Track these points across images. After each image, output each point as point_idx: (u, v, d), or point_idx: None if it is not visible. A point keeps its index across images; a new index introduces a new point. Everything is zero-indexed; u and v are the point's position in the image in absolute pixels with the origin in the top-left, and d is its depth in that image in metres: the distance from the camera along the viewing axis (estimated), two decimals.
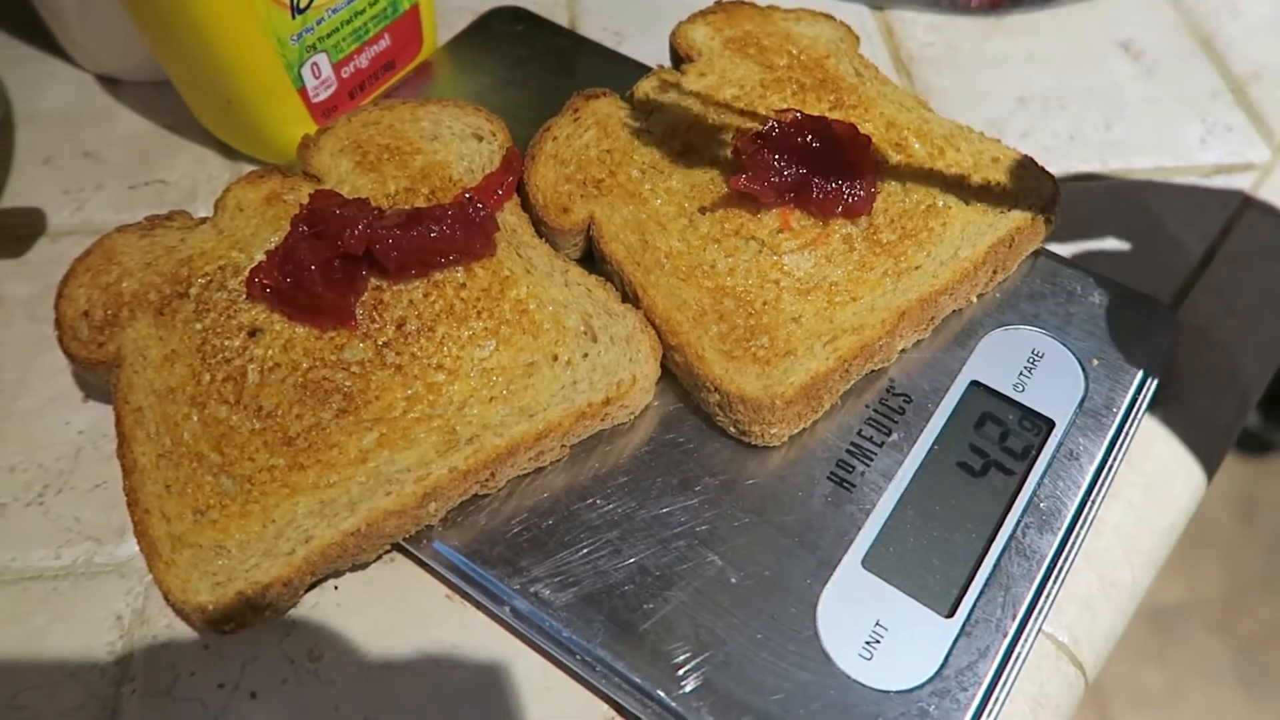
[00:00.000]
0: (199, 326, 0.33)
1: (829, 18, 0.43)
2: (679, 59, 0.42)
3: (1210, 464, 0.35)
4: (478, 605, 0.31)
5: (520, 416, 0.31)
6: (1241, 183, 0.43)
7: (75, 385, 0.36)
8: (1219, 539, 1.32)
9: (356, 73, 0.42)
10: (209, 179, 0.43)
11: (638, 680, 0.28)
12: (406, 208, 0.35)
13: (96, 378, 0.33)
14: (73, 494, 0.33)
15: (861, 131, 0.36)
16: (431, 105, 0.39)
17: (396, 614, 0.31)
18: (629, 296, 0.34)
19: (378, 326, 0.33)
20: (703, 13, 0.43)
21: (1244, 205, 0.42)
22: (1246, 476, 1.38)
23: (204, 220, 0.36)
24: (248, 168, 0.43)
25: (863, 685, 0.28)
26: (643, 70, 0.43)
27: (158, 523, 0.29)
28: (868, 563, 0.30)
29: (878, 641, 0.28)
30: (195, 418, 0.31)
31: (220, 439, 0.31)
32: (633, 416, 0.33)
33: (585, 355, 0.32)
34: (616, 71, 0.44)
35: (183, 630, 0.31)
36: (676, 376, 0.33)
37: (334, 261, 0.32)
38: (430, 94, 0.44)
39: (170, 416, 0.31)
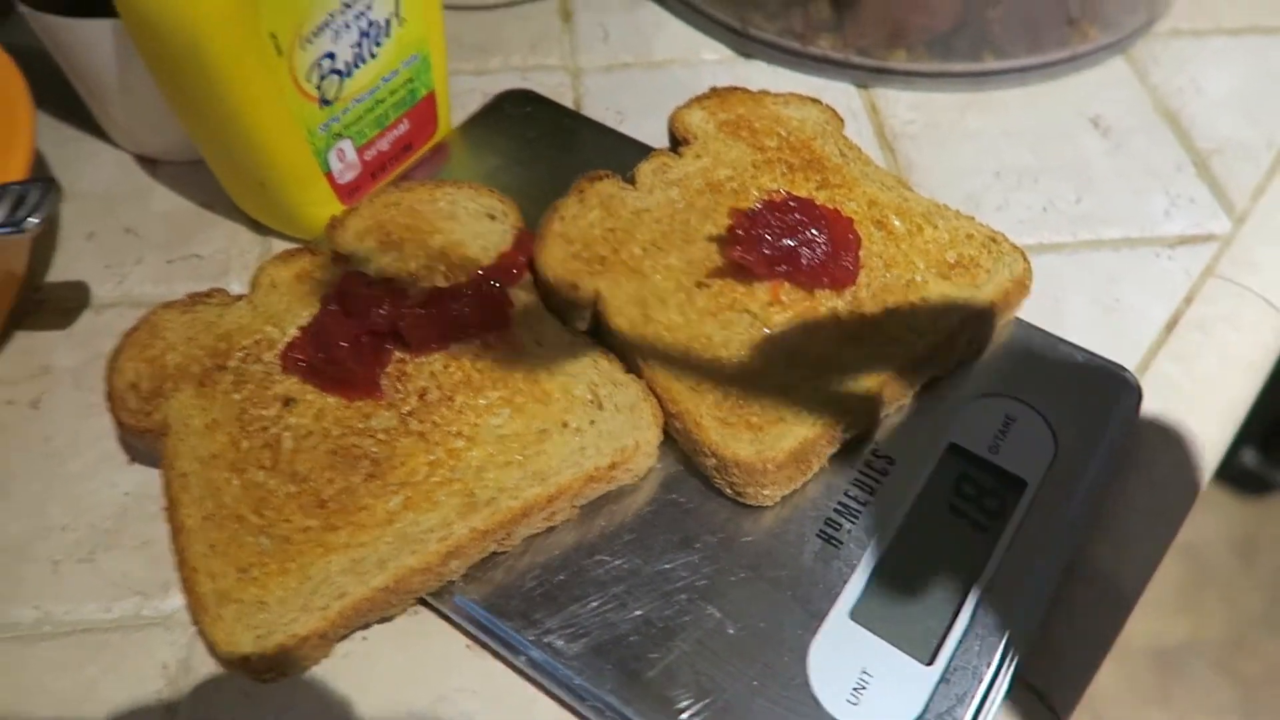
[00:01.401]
0: (238, 397, 0.36)
1: (816, 101, 0.47)
2: (676, 141, 0.45)
3: (1173, 521, 0.38)
4: (496, 655, 0.34)
5: (534, 480, 0.34)
6: (1203, 254, 0.46)
7: (120, 449, 0.39)
8: (1220, 579, 1.34)
9: (378, 155, 0.45)
10: (240, 253, 0.46)
11: None
12: (428, 287, 0.38)
13: (143, 443, 0.36)
14: (121, 551, 0.36)
15: (845, 210, 0.40)
16: (448, 187, 0.43)
17: (420, 663, 0.34)
18: (633, 367, 0.37)
19: (401, 396, 0.36)
20: (699, 98, 0.46)
21: (1204, 274, 0.45)
22: (1247, 516, 1.40)
23: (240, 297, 0.39)
24: (277, 243, 0.46)
25: None
26: (643, 150, 0.46)
27: (204, 580, 0.32)
28: (855, 614, 0.33)
29: (864, 688, 0.31)
30: (236, 482, 0.34)
31: (259, 502, 0.33)
32: (637, 479, 0.35)
33: (592, 422, 0.35)
34: (619, 151, 0.47)
35: (224, 679, 0.33)
36: (677, 441, 0.36)
37: (361, 338, 0.35)
38: (445, 173, 0.47)
39: (213, 481, 0.34)
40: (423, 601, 0.34)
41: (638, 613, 0.33)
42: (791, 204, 0.39)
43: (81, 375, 0.41)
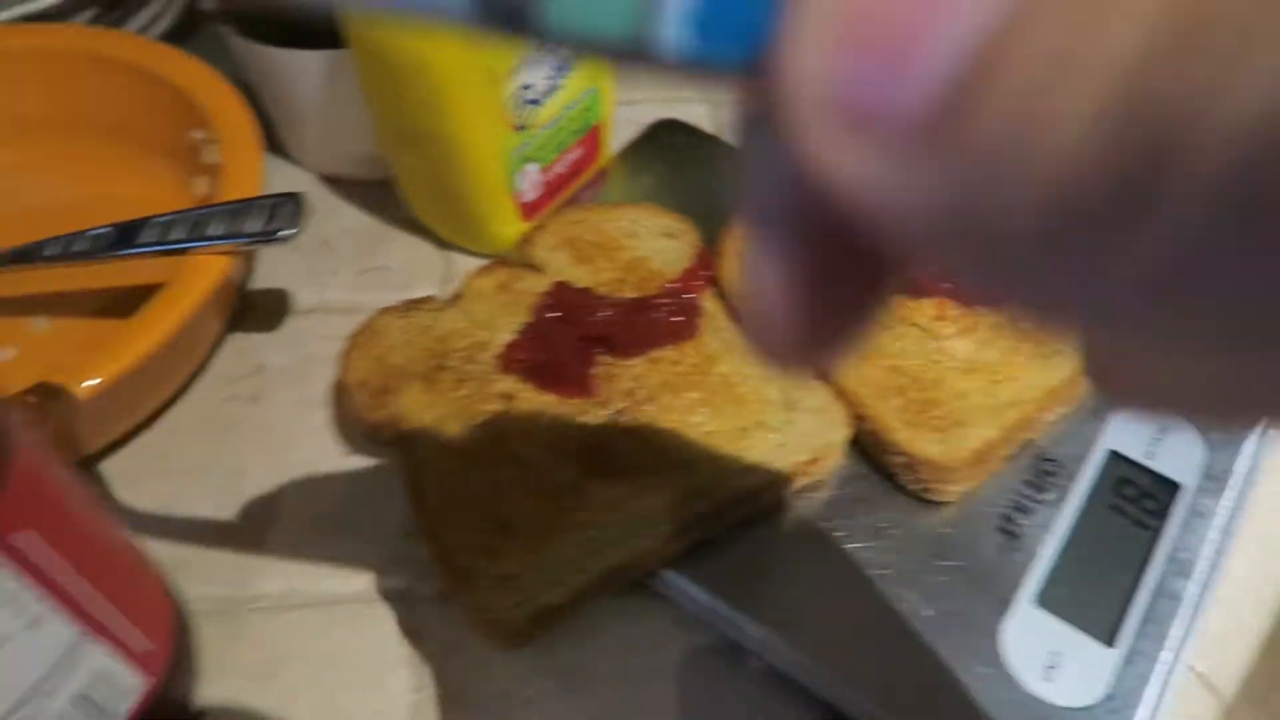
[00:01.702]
0: (461, 394, 0.39)
1: None
2: None
3: None
4: (705, 632, 0.37)
5: (741, 473, 0.37)
6: None
7: (337, 441, 0.43)
8: None
9: (556, 177, 0.49)
10: (424, 265, 0.49)
11: (852, 694, 0.34)
12: (628, 297, 0.41)
13: (377, 433, 0.40)
14: (351, 533, 0.40)
15: None
16: (628, 208, 0.46)
17: (638, 636, 0.37)
18: (817, 374, 0.40)
19: (611, 396, 0.39)
20: None
21: None
22: None
23: (449, 304, 0.43)
24: (456, 256, 0.50)
25: (1051, 704, 0.33)
26: None
27: (453, 555, 0.35)
28: (1040, 600, 0.36)
29: (1055, 666, 0.34)
30: (470, 470, 0.37)
31: (493, 487, 0.37)
32: (828, 475, 0.39)
33: (787, 423, 0.39)
34: None
35: (461, 646, 0.37)
36: (859, 441, 0.39)
37: (578, 342, 0.39)
38: (605, 195, 0.51)
39: (449, 468, 0.37)
40: (641, 581, 0.37)
41: (837, 595, 0.36)
42: None
43: (293, 375, 0.45)
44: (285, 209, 0.39)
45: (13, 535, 0.24)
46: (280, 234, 0.38)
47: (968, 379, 0.40)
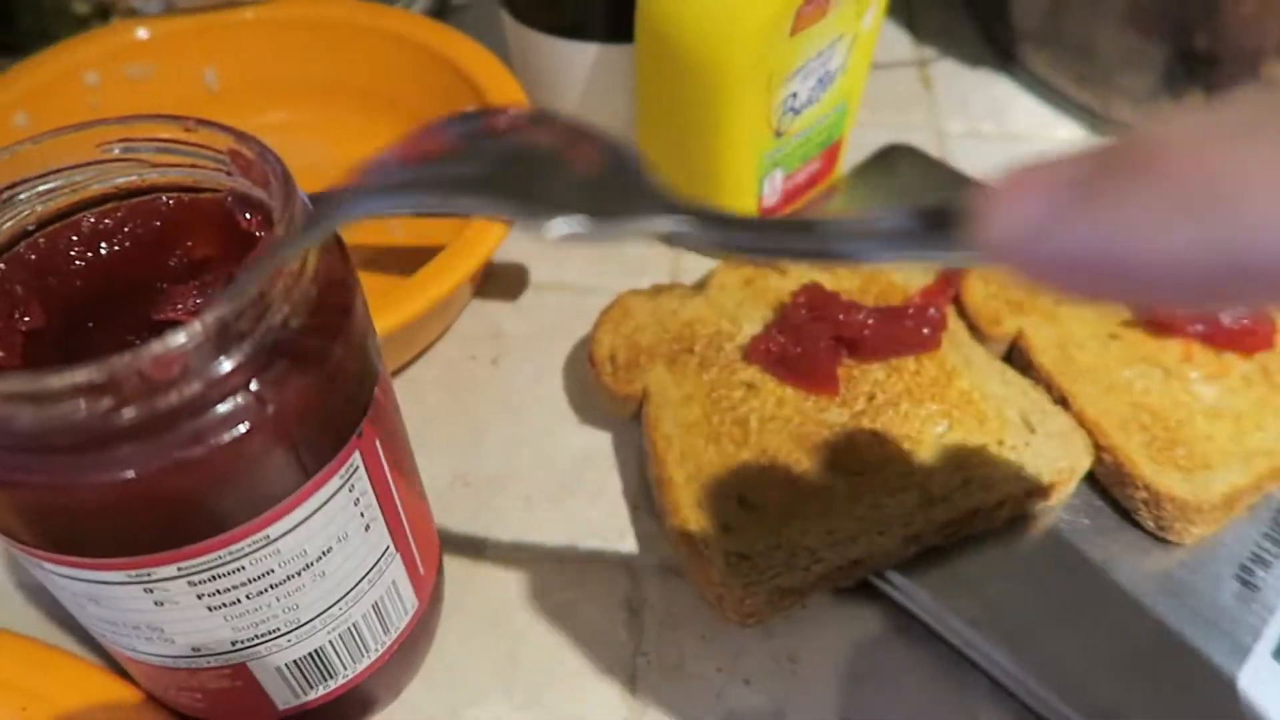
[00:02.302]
0: (705, 378, 0.41)
1: None
2: None
3: None
4: (926, 640, 0.37)
5: (982, 487, 0.37)
6: None
7: (571, 410, 0.44)
8: None
9: (794, 186, 0.50)
10: (657, 256, 0.51)
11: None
12: (875, 305, 0.42)
13: (619, 406, 0.41)
14: (581, 498, 0.41)
15: None
16: None
17: (859, 634, 0.37)
18: (1056, 400, 0.41)
19: (852, 397, 0.40)
20: None
21: None
22: None
23: (695, 292, 0.44)
24: (685, 251, 0.52)
25: None
26: None
27: (695, 530, 0.36)
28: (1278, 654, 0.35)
29: None
30: (712, 449, 0.39)
31: (735, 470, 0.38)
32: (1062, 500, 0.39)
33: (1027, 444, 0.39)
34: None
35: (681, 619, 0.38)
36: (1095, 473, 0.39)
37: (829, 340, 0.40)
38: (829, 211, 0.52)
39: (692, 446, 0.39)
40: (868, 580, 0.37)
41: (1071, 621, 0.36)
42: None
43: (530, 344, 0.47)
44: None
45: (373, 439, 0.26)
46: None
47: (1214, 423, 0.39)
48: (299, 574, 0.25)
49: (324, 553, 0.26)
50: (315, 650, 0.28)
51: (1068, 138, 0.60)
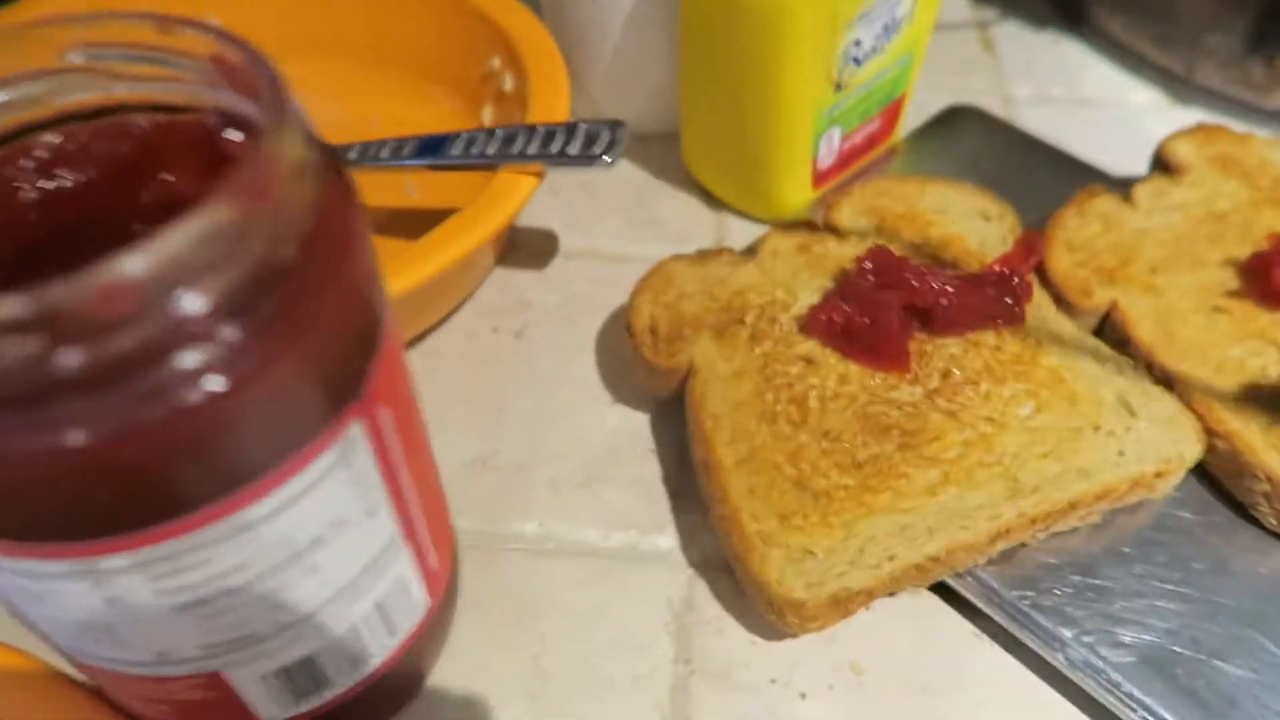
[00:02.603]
0: (758, 351, 0.36)
1: None
2: (1161, 169, 0.44)
3: None
4: (1009, 648, 0.32)
5: (1078, 476, 0.33)
6: None
7: (603, 388, 0.40)
8: None
9: (851, 148, 0.46)
10: (698, 222, 0.47)
11: None
12: (952, 273, 0.37)
13: (661, 381, 0.37)
14: (615, 484, 0.37)
15: None
16: (937, 183, 0.43)
17: (928, 642, 0.33)
18: (1158, 380, 0.36)
19: (925, 374, 0.35)
20: (1186, 131, 0.45)
21: None
22: None
23: (744, 259, 0.40)
24: (729, 217, 0.47)
25: None
26: (1090, 173, 0.45)
27: (748, 520, 0.32)
28: None
29: None
30: (766, 431, 0.34)
31: (793, 454, 0.33)
32: (1166, 491, 0.34)
33: (1127, 429, 0.34)
34: (1068, 174, 0.46)
35: (730, 623, 0.33)
36: (1212, 461, 0.34)
37: (901, 310, 0.35)
38: (889, 174, 0.47)
39: (744, 427, 0.34)
40: (944, 581, 0.33)
41: (1182, 629, 0.31)
42: None
43: (559, 315, 0.43)
44: (604, 135, 0.36)
45: (378, 408, 0.21)
46: (600, 159, 0.36)
47: None
48: (284, 567, 0.21)
49: (315, 542, 0.21)
50: (305, 657, 0.23)
51: (1145, 101, 0.55)
